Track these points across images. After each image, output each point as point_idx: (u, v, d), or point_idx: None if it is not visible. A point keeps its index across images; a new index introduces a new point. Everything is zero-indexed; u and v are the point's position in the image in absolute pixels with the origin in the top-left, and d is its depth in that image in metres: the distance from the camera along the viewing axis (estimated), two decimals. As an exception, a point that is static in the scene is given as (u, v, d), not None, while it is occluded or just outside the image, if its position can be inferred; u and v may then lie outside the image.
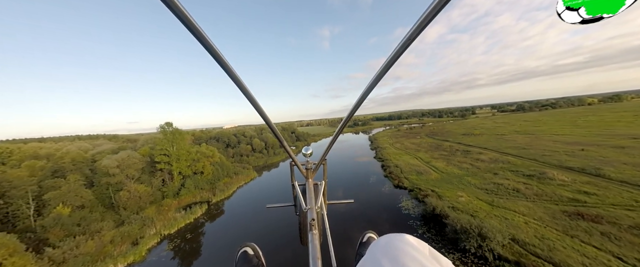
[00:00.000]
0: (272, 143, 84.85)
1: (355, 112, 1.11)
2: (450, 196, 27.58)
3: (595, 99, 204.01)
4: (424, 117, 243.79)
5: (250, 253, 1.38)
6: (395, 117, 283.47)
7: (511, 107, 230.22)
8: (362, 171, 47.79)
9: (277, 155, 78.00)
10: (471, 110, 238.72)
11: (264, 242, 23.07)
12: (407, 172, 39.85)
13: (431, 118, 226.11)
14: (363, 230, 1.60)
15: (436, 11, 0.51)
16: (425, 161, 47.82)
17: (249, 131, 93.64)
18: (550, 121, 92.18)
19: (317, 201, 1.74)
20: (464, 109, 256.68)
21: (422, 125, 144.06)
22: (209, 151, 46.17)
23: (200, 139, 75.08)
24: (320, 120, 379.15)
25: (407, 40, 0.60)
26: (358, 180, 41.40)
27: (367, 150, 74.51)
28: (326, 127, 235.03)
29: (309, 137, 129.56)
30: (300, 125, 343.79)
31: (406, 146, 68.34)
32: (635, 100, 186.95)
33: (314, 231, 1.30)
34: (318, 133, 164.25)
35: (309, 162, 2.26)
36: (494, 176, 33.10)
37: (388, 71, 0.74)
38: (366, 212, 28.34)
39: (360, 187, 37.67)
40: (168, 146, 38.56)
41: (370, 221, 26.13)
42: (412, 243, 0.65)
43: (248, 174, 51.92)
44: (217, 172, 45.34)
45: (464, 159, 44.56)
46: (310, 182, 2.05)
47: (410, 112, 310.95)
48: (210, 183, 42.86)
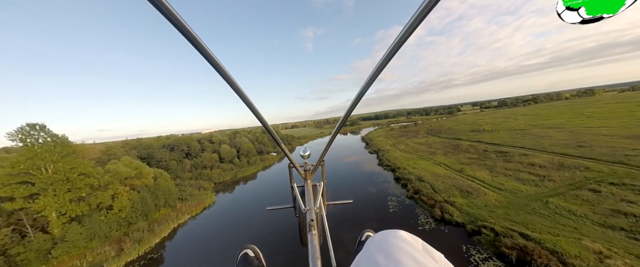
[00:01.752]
0: (246, 150, 68.00)
1: (351, 112, 1.08)
2: (573, 251, 13.74)
3: (570, 94, 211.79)
4: (410, 116, 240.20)
5: (250, 255, 1.37)
6: (382, 117, 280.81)
7: (492, 103, 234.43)
8: (368, 189, 33.21)
9: (252, 165, 61.33)
10: (456, 108, 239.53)
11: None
12: (443, 191, 25.91)
13: (419, 116, 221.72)
14: None
15: (425, 13, 0.51)
16: (455, 168, 34.50)
17: (217, 136, 75.76)
18: (555, 114, 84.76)
19: (316, 202, 1.72)
20: (448, 107, 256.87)
21: (415, 123, 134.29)
22: (129, 170, 29.00)
23: (137, 149, 56.53)
24: (306, 122, 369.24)
25: (397, 42, 0.61)
26: (366, 205, 26.61)
27: (364, 154, 60.48)
28: (312, 129, 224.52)
29: (294, 140, 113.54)
30: (285, 128, 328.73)
31: (413, 148, 55.28)
32: (608, 93, 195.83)
33: (314, 232, 1.30)
34: (304, 135, 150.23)
35: (307, 163, 2.21)
36: (596, 196, 20.13)
37: (382, 71, 0.75)
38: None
39: (370, 222, 23.08)
40: (34, 167, 21.21)
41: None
42: (406, 239, 0.67)
43: (202, 200, 35.24)
44: (142, 203, 28.35)
45: (509, 165, 31.79)
46: (309, 184, 2.02)
47: (394, 111, 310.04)
48: (127, 224, 25.84)
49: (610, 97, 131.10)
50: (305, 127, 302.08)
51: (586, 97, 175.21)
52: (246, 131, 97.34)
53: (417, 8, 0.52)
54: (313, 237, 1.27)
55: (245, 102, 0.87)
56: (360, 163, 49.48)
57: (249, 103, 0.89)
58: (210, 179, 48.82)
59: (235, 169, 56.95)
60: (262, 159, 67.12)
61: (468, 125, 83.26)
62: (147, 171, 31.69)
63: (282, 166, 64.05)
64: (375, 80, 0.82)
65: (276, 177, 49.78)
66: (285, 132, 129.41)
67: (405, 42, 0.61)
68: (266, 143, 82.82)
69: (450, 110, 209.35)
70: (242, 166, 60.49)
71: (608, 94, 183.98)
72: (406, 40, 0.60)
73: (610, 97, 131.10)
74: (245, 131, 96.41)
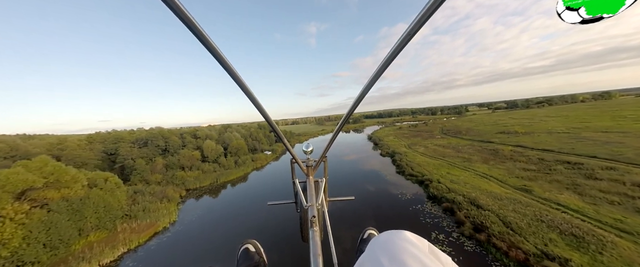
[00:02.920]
0: (235, 148, 57.82)
1: (354, 109, 1.08)
2: None
3: (584, 97, 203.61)
4: (415, 115, 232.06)
5: (251, 250, 1.36)
6: (386, 115, 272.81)
7: (499, 105, 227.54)
8: (389, 212, 23.25)
9: (241, 166, 51.21)
10: (464, 108, 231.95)
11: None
12: (528, 232, 15.79)
13: (424, 115, 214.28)
14: None
15: (431, 12, 0.51)
16: (514, 185, 24.46)
17: (203, 130, 65.55)
18: (591, 116, 74.36)
19: (318, 198, 1.71)
20: (455, 107, 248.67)
21: (425, 122, 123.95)
22: (34, 177, 18.83)
23: (104, 143, 46.65)
24: (307, 119, 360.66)
25: (403, 40, 0.61)
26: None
27: (374, 156, 50.42)
28: (313, 125, 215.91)
29: (293, 137, 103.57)
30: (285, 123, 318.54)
31: (436, 151, 45.21)
32: (622, 97, 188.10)
33: (315, 228, 1.30)
34: (304, 132, 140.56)
35: (310, 159, 2.19)
36: None
37: (386, 69, 0.75)
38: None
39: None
40: None
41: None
42: (412, 240, 0.64)
43: (158, 218, 25.24)
44: (51, 229, 18.28)
45: (601, 184, 21.71)
46: (311, 180, 2.01)
47: (398, 110, 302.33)
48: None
49: (634, 101, 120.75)
50: (306, 123, 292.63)
51: (603, 100, 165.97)
52: (241, 126, 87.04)
53: (423, 5, 0.52)
54: (314, 233, 1.26)
55: (248, 95, 0.87)
56: (373, 170, 39.41)
57: (252, 97, 0.89)
58: (184, 185, 38.78)
59: (219, 171, 46.82)
60: (253, 159, 56.85)
61: (490, 126, 73.04)
62: (71, 177, 21.55)
63: (279, 167, 54.10)
64: (379, 78, 0.81)
65: (262, 186, 39.68)
66: (285, 128, 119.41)
67: (410, 41, 0.61)
68: (261, 139, 72.56)
69: (458, 111, 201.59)
70: (229, 166, 50.35)
71: (625, 98, 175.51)
72: (412, 38, 0.60)
73: (634, 101, 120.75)
74: (240, 126, 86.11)
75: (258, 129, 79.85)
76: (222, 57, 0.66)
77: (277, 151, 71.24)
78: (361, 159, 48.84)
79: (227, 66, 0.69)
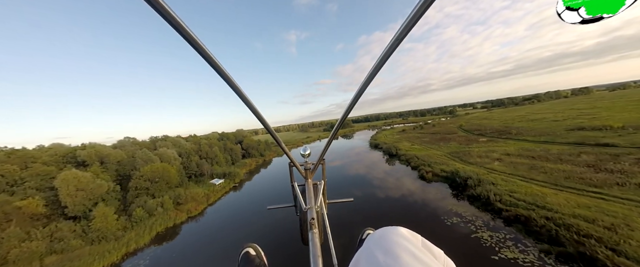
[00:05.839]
0: (150, 176, 33.59)
1: (349, 112, 1.09)
2: None
3: (566, 93, 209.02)
4: (402, 117, 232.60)
5: (252, 253, 1.34)
6: (373, 119, 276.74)
7: (476, 105, 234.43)
8: None
9: (138, 223, 27.36)
10: (454, 108, 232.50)
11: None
12: None
13: (414, 117, 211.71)
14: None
15: (419, 15, 0.52)
16: None
17: (102, 149, 40.29)
18: (617, 108, 60.66)
19: (317, 200, 1.71)
20: (441, 108, 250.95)
21: (432, 124, 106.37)
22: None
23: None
24: (289, 126, 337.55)
25: (394, 42, 0.61)
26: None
27: (403, 178, 29.69)
28: (296, 133, 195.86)
29: (270, 148, 79.19)
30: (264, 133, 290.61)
31: (518, 165, 25.56)
32: (599, 92, 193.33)
33: (315, 230, 1.30)
34: (287, 140, 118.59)
35: (308, 162, 2.21)
36: None
37: (378, 72, 0.76)
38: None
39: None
40: None
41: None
42: (405, 235, 0.66)
43: None
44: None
45: None
46: (309, 182, 2.01)
47: (384, 114, 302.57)
48: None
49: (612, 95, 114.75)
50: (289, 131, 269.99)
51: (584, 95, 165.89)
52: (204, 137, 62.38)
53: (408, 13, 0.52)
54: (314, 236, 1.26)
55: (245, 103, 0.87)
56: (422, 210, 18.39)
57: (249, 103, 0.88)
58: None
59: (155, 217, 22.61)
60: (177, 202, 30.37)
61: (548, 123, 56.29)
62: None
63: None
64: (372, 82, 0.84)
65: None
66: (260, 138, 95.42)
67: (397, 47, 0.62)
68: (217, 156, 48.07)
69: (450, 111, 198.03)
70: (117, 227, 25.83)
71: (601, 92, 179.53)
72: (400, 43, 0.60)
73: (612, 95, 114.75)
74: (202, 137, 61.48)
75: (218, 141, 55.56)
76: (219, 66, 0.63)
77: (238, 175, 47.79)
78: (371, 183, 27.57)
79: (224, 75, 0.66)
